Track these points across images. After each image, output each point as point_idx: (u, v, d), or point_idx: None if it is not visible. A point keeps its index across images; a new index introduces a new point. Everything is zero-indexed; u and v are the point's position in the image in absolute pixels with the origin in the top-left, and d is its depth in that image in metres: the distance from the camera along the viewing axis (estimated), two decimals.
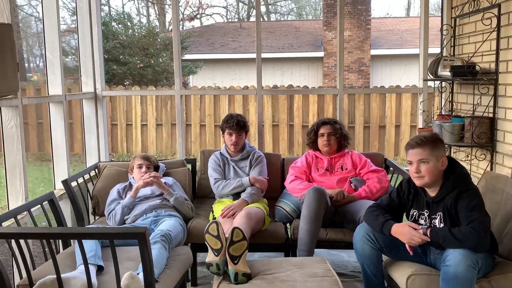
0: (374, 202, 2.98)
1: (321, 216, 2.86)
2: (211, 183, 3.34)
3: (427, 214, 2.37)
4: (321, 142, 3.32)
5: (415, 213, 2.43)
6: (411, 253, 2.29)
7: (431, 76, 3.51)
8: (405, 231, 2.27)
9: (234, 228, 2.33)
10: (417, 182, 2.34)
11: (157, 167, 3.34)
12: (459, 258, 2.09)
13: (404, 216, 2.53)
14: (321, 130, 3.33)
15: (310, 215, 2.84)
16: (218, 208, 3.11)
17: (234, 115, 3.40)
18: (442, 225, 2.29)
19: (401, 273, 2.31)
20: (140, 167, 3.18)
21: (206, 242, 2.37)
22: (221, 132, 3.45)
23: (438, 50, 3.73)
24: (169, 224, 2.73)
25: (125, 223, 2.96)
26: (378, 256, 2.47)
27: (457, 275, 2.08)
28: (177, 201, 3.06)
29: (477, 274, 2.14)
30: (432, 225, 2.34)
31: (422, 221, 2.39)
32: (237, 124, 3.31)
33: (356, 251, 2.51)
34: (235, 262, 2.27)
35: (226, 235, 2.36)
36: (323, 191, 2.91)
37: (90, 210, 3.44)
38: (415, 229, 2.26)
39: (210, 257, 2.33)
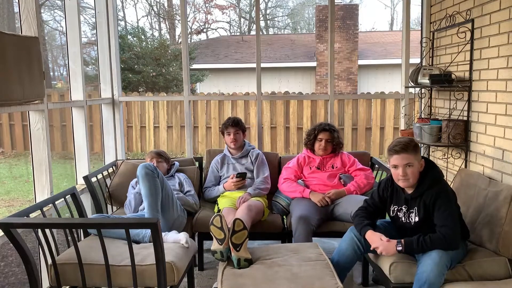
0: (362, 196, 2.98)
1: (310, 238, 2.77)
2: (204, 186, 3.44)
3: (405, 209, 2.36)
4: (318, 145, 3.29)
5: (395, 208, 2.42)
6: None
7: (412, 84, 3.51)
8: (376, 241, 2.26)
9: (235, 219, 2.33)
10: (402, 184, 2.30)
11: (170, 162, 3.39)
12: (432, 267, 2.10)
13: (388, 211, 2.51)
14: (320, 136, 3.28)
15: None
16: (222, 201, 3.12)
17: (231, 117, 3.48)
18: (417, 218, 2.29)
19: (385, 261, 2.33)
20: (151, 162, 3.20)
21: (211, 233, 2.37)
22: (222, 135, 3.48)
23: (418, 60, 3.72)
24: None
25: (138, 211, 2.97)
26: (354, 260, 2.43)
27: (429, 281, 2.08)
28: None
29: (449, 268, 2.16)
30: (409, 219, 2.33)
31: (400, 215, 2.38)
32: (233, 122, 3.38)
33: (340, 247, 2.45)
34: (237, 249, 2.27)
35: (229, 226, 2.36)
36: (308, 220, 2.79)
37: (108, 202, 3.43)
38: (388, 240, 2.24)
39: (215, 245, 2.34)
